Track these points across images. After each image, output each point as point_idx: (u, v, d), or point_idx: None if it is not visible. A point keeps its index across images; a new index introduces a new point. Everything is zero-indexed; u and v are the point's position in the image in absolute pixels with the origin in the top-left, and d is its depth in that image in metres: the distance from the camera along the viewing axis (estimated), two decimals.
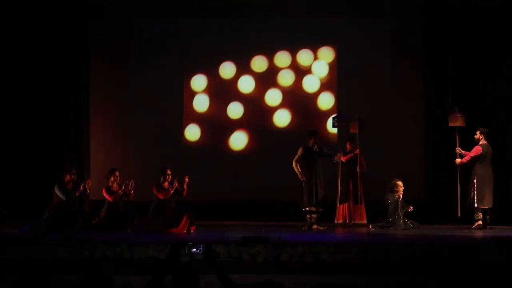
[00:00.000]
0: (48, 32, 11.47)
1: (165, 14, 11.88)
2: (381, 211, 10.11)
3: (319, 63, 11.93)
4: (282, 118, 11.91)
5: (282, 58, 11.94)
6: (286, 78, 11.93)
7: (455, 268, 6.92)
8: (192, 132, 11.97)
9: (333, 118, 10.69)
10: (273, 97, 11.92)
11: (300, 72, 11.93)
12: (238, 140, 11.93)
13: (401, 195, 10.06)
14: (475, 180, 9.92)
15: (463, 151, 10.17)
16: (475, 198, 9.85)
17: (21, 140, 11.38)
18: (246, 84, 11.94)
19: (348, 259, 7.00)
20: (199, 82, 11.99)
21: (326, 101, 11.88)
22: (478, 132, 10.06)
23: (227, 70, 11.96)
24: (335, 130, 10.99)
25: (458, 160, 10.19)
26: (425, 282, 6.87)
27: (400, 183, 10.12)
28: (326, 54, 11.92)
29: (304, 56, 11.93)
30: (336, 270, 6.91)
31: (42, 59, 11.45)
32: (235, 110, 11.94)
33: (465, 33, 11.27)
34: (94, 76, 11.85)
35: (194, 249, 6.90)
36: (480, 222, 9.84)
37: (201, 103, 11.98)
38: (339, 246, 7.19)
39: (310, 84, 11.92)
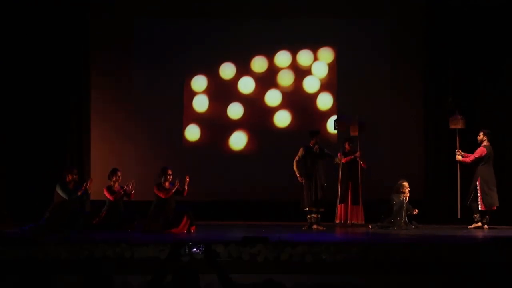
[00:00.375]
0: (48, 32, 11.47)
1: (165, 14, 11.88)
2: (383, 211, 10.08)
3: (319, 64, 11.94)
4: (282, 119, 11.92)
5: (282, 59, 11.95)
6: (286, 78, 11.94)
7: (455, 268, 6.92)
8: (192, 132, 11.98)
9: (334, 120, 10.69)
10: (273, 97, 11.93)
11: (300, 72, 11.94)
12: (238, 140, 11.94)
13: (407, 197, 10.02)
14: (478, 182, 9.95)
15: (464, 153, 10.18)
16: (480, 200, 9.88)
17: (22, 140, 11.37)
18: (246, 85, 11.95)
19: (348, 259, 7.00)
20: (199, 82, 12.00)
21: (326, 101, 11.89)
22: (481, 133, 10.07)
23: (227, 70, 11.97)
24: (335, 131, 10.99)
25: (459, 157, 10.18)
26: (425, 282, 6.87)
27: (406, 184, 10.08)
28: (326, 55, 11.93)
29: (304, 57, 11.94)
30: (336, 270, 6.90)
31: (43, 59, 11.45)
32: (235, 111, 11.95)
33: (465, 33, 11.27)
34: (95, 76, 11.86)
35: (194, 249, 6.90)
36: (479, 223, 9.92)
37: (201, 104, 11.99)
38: (339, 246, 7.19)
39: (310, 84, 11.93)
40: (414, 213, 10.04)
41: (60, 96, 11.56)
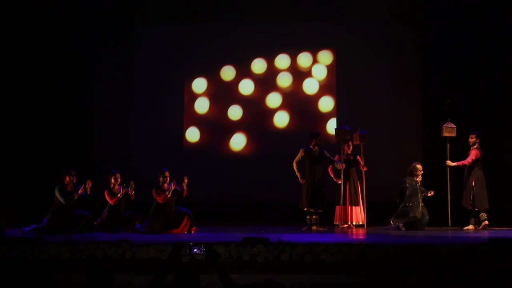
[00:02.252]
0: (50, 36, 11.53)
1: (167, 17, 11.93)
2: (398, 197, 10.03)
3: (319, 66, 11.97)
4: (281, 120, 11.96)
5: (282, 61, 11.99)
6: (285, 80, 11.97)
7: (455, 268, 6.93)
8: (193, 134, 12.02)
9: (335, 129, 10.70)
10: (273, 99, 11.96)
11: (300, 75, 11.97)
12: (238, 142, 11.98)
13: (420, 181, 9.96)
14: (473, 183, 9.96)
15: (454, 163, 10.18)
16: (475, 201, 9.91)
17: (22, 140, 11.41)
18: (246, 87, 11.99)
19: (348, 260, 7.01)
20: (200, 85, 12.05)
21: (325, 103, 11.93)
22: (474, 136, 10.08)
23: (227, 73, 12.01)
24: (333, 132, 11.00)
25: (449, 162, 10.20)
26: (425, 282, 6.88)
27: (419, 166, 10.03)
28: (325, 57, 11.96)
29: (303, 59, 11.97)
30: (335, 271, 6.91)
31: (43, 61, 11.50)
32: (235, 112, 11.99)
33: (464, 35, 11.29)
34: (96, 78, 11.91)
35: (195, 249, 6.92)
36: (471, 226, 9.97)
37: (201, 106, 12.04)
38: (338, 246, 7.20)
39: (310, 86, 11.96)
40: (429, 194, 9.99)
41: (61, 97, 11.61)
